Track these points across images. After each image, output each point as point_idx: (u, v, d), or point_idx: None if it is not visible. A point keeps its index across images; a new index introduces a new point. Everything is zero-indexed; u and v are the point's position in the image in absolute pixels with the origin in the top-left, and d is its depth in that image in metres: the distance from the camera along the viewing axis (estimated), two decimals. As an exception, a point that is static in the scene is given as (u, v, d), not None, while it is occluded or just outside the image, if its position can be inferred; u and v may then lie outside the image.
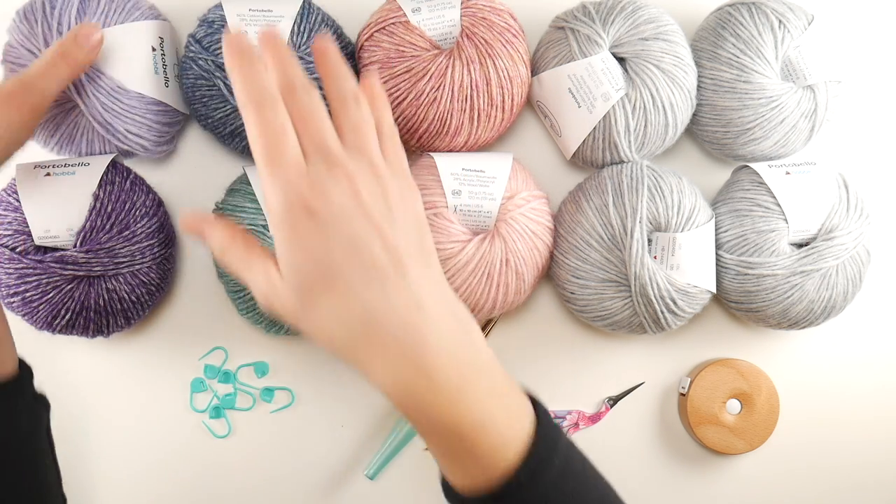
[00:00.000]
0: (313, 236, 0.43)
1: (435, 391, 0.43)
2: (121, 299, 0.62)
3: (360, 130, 0.47)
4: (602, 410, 0.70)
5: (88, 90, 0.60)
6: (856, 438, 0.72)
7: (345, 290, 0.43)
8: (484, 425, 0.44)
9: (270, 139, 0.43)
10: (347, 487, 0.69)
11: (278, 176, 0.43)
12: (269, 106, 0.44)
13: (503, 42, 0.63)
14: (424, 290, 0.44)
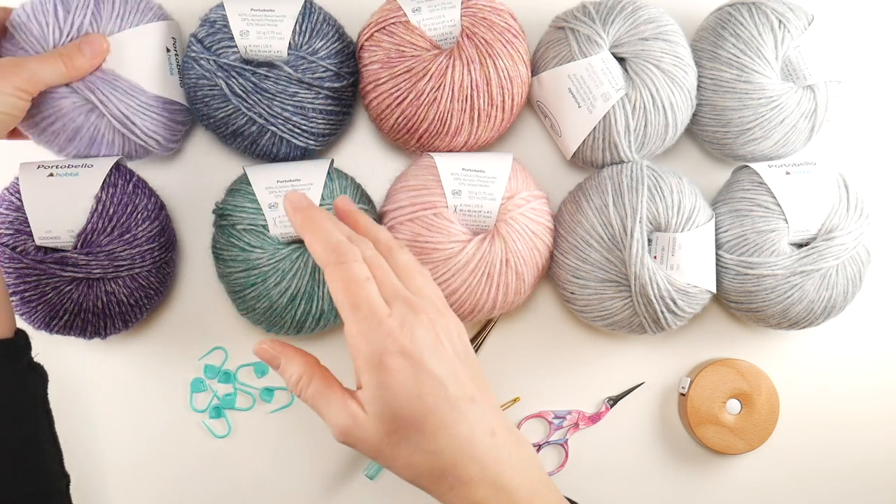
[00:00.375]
0: (406, 376, 0.45)
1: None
2: (119, 302, 0.62)
3: (411, 274, 0.50)
4: (602, 410, 0.70)
5: (107, 92, 0.61)
6: (856, 438, 0.72)
7: (435, 426, 0.46)
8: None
9: (356, 288, 0.46)
10: (347, 487, 0.69)
11: (369, 321, 0.46)
12: (353, 258, 0.47)
13: (503, 42, 0.63)
14: (493, 417, 0.48)
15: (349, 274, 0.46)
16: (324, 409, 0.48)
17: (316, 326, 0.64)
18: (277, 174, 0.63)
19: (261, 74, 0.62)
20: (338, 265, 0.47)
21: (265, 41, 0.63)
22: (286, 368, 0.50)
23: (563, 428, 0.70)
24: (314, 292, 0.62)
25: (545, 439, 0.70)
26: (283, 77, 0.62)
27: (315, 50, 0.63)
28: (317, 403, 0.48)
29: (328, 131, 0.66)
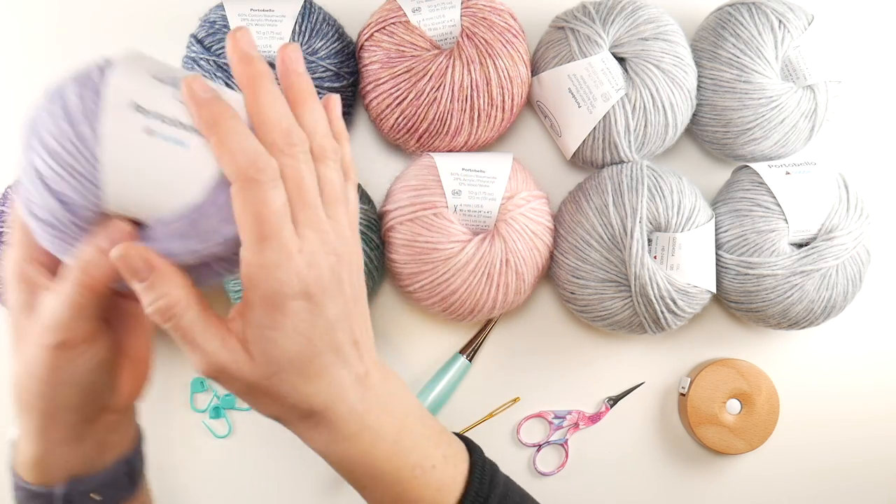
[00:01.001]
0: (302, 319, 0.41)
1: (377, 442, 0.45)
2: (119, 302, 0.62)
3: (335, 188, 0.43)
4: (602, 410, 0.70)
5: None
6: (856, 438, 0.72)
7: (317, 370, 0.42)
8: (423, 468, 0.47)
9: (269, 217, 0.39)
10: (347, 487, 0.69)
11: (277, 255, 0.40)
12: (269, 178, 0.40)
13: (503, 42, 0.63)
14: (368, 357, 0.45)
15: (262, 198, 0.39)
16: (197, 340, 0.41)
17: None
18: None
19: (261, 74, 0.62)
20: (249, 184, 0.39)
21: (265, 41, 0.63)
22: (158, 285, 0.40)
23: (563, 428, 0.70)
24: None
25: (545, 439, 0.70)
26: (283, 77, 0.62)
27: (315, 50, 0.63)
28: (190, 334, 0.41)
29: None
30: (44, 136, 0.39)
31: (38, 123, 0.40)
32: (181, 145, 0.40)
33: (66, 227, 0.40)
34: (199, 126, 0.40)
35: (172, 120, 0.40)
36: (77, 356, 0.43)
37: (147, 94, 0.40)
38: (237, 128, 0.40)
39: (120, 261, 0.39)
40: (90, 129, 0.39)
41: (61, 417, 0.45)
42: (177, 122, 0.40)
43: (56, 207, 0.39)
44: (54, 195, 0.39)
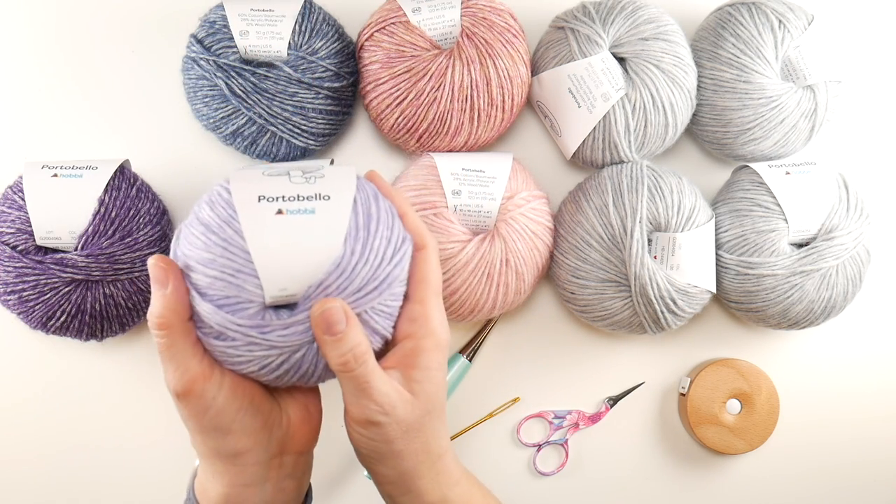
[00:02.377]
0: (444, 366, 0.50)
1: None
2: (117, 305, 0.62)
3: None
4: (602, 410, 0.70)
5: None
6: (856, 438, 0.72)
7: (443, 416, 0.51)
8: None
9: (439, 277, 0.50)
10: (347, 487, 0.69)
11: (440, 309, 0.50)
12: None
13: (503, 42, 0.63)
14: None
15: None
16: (374, 385, 0.45)
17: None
18: None
19: (260, 74, 0.62)
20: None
21: (265, 41, 0.63)
22: (352, 335, 0.44)
23: (563, 428, 0.70)
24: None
25: (545, 439, 0.70)
26: (283, 77, 0.62)
27: (315, 50, 0.63)
28: (371, 380, 0.45)
29: (328, 131, 0.66)
30: (195, 254, 0.44)
31: (184, 248, 0.45)
32: (310, 213, 0.45)
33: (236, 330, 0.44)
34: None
35: (296, 196, 0.45)
36: (204, 398, 0.45)
37: (266, 186, 0.45)
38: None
39: (321, 316, 0.44)
40: (234, 229, 0.44)
41: (239, 461, 0.47)
42: (298, 196, 0.45)
43: (222, 315, 0.43)
44: (219, 302, 0.44)
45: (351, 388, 0.45)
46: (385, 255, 0.46)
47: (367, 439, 0.47)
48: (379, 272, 0.45)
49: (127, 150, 0.70)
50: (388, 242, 0.46)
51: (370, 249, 0.45)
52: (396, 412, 0.46)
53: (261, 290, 0.44)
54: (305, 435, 0.51)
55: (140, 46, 0.71)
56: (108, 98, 0.70)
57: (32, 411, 0.68)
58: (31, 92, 0.71)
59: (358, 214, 0.46)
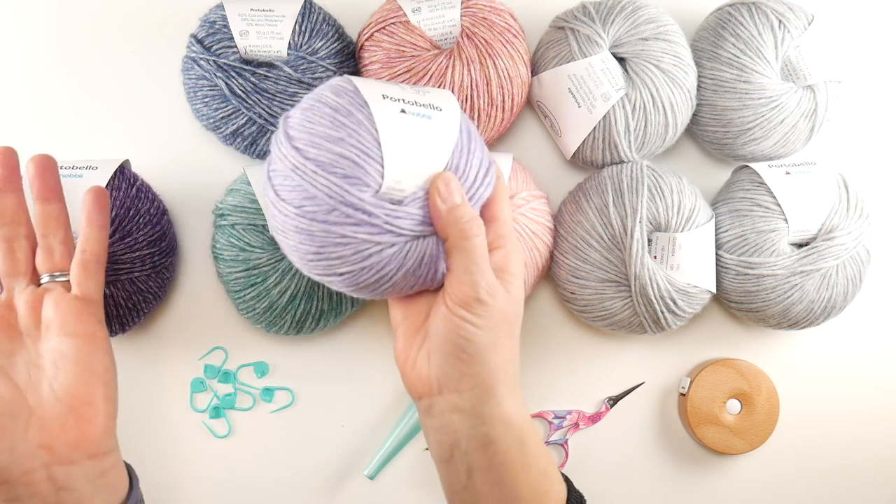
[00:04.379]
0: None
1: (525, 418, 0.51)
2: (117, 305, 0.62)
3: None
4: (602, 410, 0.70)
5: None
6: (856, 438, 0.72)
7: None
8: (550, 468, 0.52)
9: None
10: (347, 487, 0.69)
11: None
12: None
13: (503, 42, 0.63)
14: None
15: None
16: (482, 264, 0.48)
17: (316, 326, 0.64)
18: None
19: (260, 74, 0.62)
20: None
21: (265, 41, 0.63)
22: (470, 207, 0.51)
23: (563, 428, 0.70)
24: (314, 292, 0.62)
25: (545, 439, 0.70)
26: (283, 77, 0.62)
27: (315, 50, 0.63)
28: (482, 255, 0.48)
29: (328, 131, 0.66)
30: (320, 131, 0.46)
31: (301, 128, 0.47)
32: (427, 118, 0.48)
33: (348, 214, 0.46)
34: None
35: (414, 101, 0.49)
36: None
37: (386, 89, 0.48)
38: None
39: (444, 181, 0.47)
40: (364, 116, 0.46)
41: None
42: (417, 102, 0.49)
43: (343, 191, 0.46)
44: (342, 180, 0.46)
45: (464, 260, 0.47)
46: (479, 174, 0.50)
47: (471, 323, 0.47)
48: (474, 188, 0.50)
49: (127, 150, 0.70)
50: (481, 163, 0.50)
51: (471, 165, 0.50)
52: (498, 297, 0.48)
53: (381, 178, 0.46)
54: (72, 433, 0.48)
55: (140, 46, 0.71)
56: (108, 98, 0.70)
57: (32, 411, 0.68)
58: (31, 92, 0.71)
59: (462, 131, 0.50)
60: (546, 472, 0.51)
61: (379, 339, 0.70)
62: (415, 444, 0.69)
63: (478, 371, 0.48)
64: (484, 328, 0.48)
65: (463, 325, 0.47)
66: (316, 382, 0.69)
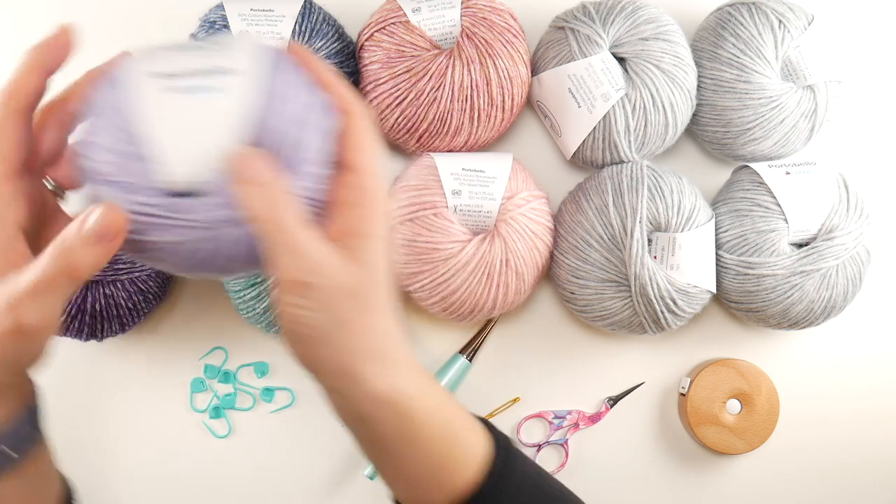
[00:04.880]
0: (384, 248, 0.44)
1: (428, 383, 0.45)
2: (117, 305, 0.62)
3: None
4: (602, 410, 0.70)
5: None
6: (856, 438, 0.72)
7: (389, 301, 0.44)
8: (455, 433, 0.46)
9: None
10: (347, 487, 0.69)
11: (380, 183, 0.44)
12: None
13: (503, 42, 0.63)
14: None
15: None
16: (301, 239, 0.40)
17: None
18: None
19: (261, 74, 0.62)
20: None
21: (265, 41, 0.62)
22: (277, 183, 0.39)
23: (563, 428, 0.70)
24: (314, 292, 0.62)
25: (545, 439, 0.70)
26: (284, 77, 0.62)
27: (315, 50, 0.63)
28: (294, 231, 0.40)
29: (329, 131, 0.66)
30: (91, 140, 0.40)
31: (79, 135, 0.41)
32: (209, 91, 0.40)
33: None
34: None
35: (195, 71, 0.40)
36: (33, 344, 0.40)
37: (159, 63, 0.40)
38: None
39: (242, 162, 0.38)
40: (124, 107, 0.40)
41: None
42: (199, 71, 0.40)
43: (123, 198, 0.39)
44: (121, 188, 0.39)
45: (278, 245, 0.40)
46: (299, 134, 0.41)
47: (303, 309, 0.40)
48: (295, 152, 0.41)
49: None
50: (301, 118, 0.41)
51: (279, 129, 0.40)
52: (333, 273, 0.40)
53: (156, 175, 0.39)
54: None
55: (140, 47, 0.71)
56: (109, 98, 0.70)
57: (32, 411, 0.68)
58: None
59: (266, 89, 0.41)
60: (454, 440, 0.46)
61: (379, 339, 0.70)
62: (415, 444, 0.69)
63: (328, 355, 0.42)
64: (318, 310, 0.40)
65: (291, 312, 0.40)
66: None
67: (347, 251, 0.41)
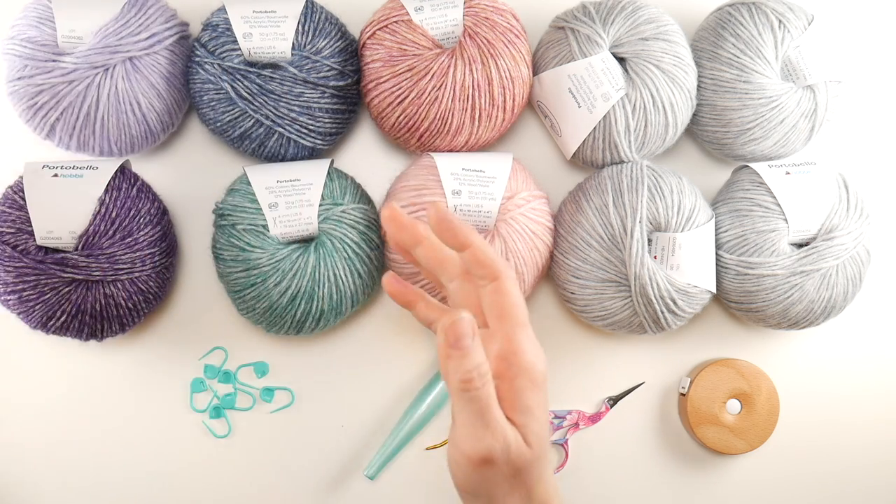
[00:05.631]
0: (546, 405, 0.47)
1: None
2: (117, 305, 0.62)
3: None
4: (602, 410, 0.70)
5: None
6: (856, 438, 0.72)
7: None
8: None
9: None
10: (347, 487, 0.69)
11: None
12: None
13: (505, 42, 0.63)
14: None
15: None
16: (494, 413, 0.42)
17: (316, 326, 0.64)
18: (277, 174, 0.63)
19: (266, 76, 0.62)
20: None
21: (268, 42, 0.63)
22: (476, 351, 0.41)
23: (563, 428, 0.70)
24: (314, 292, 0.62)
25: (545, 439, 0.70)
26: (289, 77, 0.62)
27: (318, 49, 0.63)
28: (491, 405, 0.42)
29: (335, 130, 0.66)
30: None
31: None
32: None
33: None
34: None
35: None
36: None
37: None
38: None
39: (451, 327, 0.40)
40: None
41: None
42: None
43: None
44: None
45: (469, 413, 0.42)
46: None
47: (477, 482, 0.43)
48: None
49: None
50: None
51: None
52: (511, 450, 0.42)
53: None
54: None
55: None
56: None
57: (32, 412, 0.68)
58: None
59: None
60: None
61: (379, 339, 0.70)
62: (415, 444, 0.69)
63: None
64: (493, 486, 0.43)
65: (469, 482, 0.44)
66: (316, 382, 0.69)
67: (520, 429, 0.43)
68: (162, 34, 0.63)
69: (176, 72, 0.64)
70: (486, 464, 0.42)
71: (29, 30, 0.62)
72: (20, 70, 0.61)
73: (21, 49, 0.61)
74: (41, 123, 0.62)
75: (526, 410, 0.43)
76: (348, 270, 0.62)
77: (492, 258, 0.45)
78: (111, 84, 0.61)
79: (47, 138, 0.64)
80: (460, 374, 0.41)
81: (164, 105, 0.64)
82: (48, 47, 0.61)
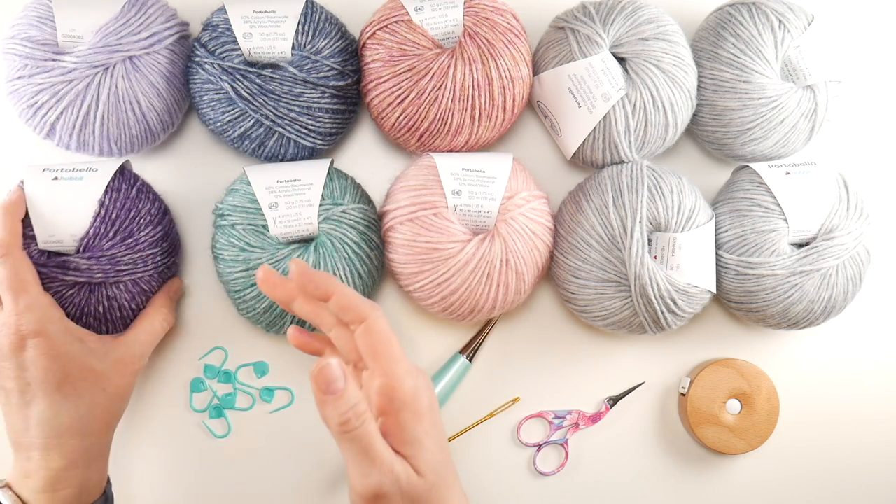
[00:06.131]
0: (439, 430, 0.50)
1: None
2: (120, 307, 0.62)
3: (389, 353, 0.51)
4: (602, 410, 0.70)
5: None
6: (856, 438, 0.72)
7: (453, 481, 0.50)
8: None
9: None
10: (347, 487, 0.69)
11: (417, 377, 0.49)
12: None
13: (505, 42, 0.63)
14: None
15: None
16: (378, 449, 0.44)
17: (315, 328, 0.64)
18: (277, 174, 0.63)
19: (266, 76, 0.62)
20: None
21: (268, 42, 0.63)
22: (351, 394, 0.43)
23: (563, 428, 0.70)
24: (314, 292, 0.62)
25: (545, 439, 0.70)
26: (289, 77, 0.62)
27: (319, 49, 0.63)
28: (374, 443, 0.44)
29: (335, 130, 0.66)
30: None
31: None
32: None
33: None
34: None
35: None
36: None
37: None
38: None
39: (320, 373, 0.42)
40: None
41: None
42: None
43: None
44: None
45: (354, 453, 0.44)
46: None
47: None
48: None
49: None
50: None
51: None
52: (401, 482, 0.44)
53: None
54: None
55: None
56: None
57: (32, 411, 0.68)
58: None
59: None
60: None
61: (379, 339, 0.70)
62: (415, 444, 0.69)
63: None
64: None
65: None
66: (316, 382, 0.69)
67: (409, 460, 0.45)
68: (162, 34, 0.63)
69: (176, 71, 0.64)
70: (379, 499, 0.44)
71: (29, 29, 0.62)
72: (20, 69, 0.61)
73: (21, 48, 0.61)
74: (41, 123, 0.62)
75: (413, 442, 0.45)
76: (348, 270, 0.62)
77: (355, 302, 0.47)
78: (111, 83, 0.61)
79: (47, 138, 0.64)
80: (336, 417, 0.43)
81: (164, 105, 0.64)
82: (48, 46, 0.61)
